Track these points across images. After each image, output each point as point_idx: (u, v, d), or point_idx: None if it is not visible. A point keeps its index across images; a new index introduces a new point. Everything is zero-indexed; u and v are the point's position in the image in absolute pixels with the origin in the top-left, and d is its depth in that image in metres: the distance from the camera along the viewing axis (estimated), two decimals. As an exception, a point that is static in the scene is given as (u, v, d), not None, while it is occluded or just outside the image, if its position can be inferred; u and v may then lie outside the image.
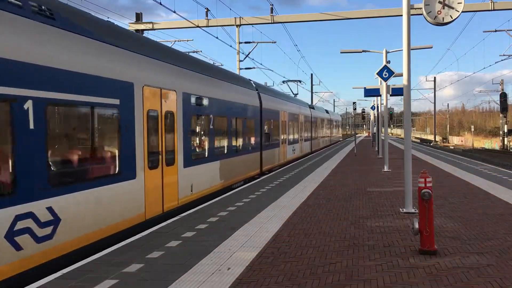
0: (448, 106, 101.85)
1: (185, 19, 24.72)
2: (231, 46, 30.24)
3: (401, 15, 10.01)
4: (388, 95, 19.21)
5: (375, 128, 37.74)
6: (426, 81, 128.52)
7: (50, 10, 6.98)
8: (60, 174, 6.83)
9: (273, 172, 18.80)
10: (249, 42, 32.22)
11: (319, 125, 40.10)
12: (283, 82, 37.59)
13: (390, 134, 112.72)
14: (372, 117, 46.41)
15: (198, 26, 28.01)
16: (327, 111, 51.00)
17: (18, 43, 6.03)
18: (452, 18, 9.52)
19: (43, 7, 6.82)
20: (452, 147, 67.13)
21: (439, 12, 9.51)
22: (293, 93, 36.55)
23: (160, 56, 10.57)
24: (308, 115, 33.21)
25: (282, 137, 23.67)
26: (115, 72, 8.22)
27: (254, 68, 38.69)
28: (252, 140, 17.76)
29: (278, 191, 13.42)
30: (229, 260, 6.53)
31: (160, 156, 9.86)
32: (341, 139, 69.86)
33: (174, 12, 19.89)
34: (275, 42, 33.16)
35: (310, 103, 38.82)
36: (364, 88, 22.97)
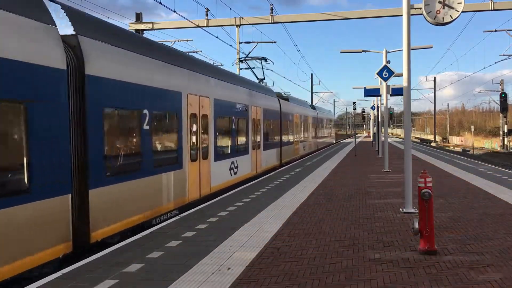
0: (448, 106, 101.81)
1: (186, 18, 24.72)
2: (231, 46, 30.29)
3: (401, 15, 10.01)
4: (388, 95, 19.23)
5: (375, 128, 37.73)
6: (426, 81, 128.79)
7: None
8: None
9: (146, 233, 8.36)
10: (249, 42, 32.22)
11: (297, 125, 28.87)
12: (240, 61, 25.62)
13: (390, 134, 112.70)
14: (372, 117, 46.44)
15: (198, 26, 28.01)
16: (313, 107, 40.57)
17: None
18: (452, 18, 9.52)
19: None
20: (453, 147, 67.15)
21: (438, 12, 9.51)
22: (258, 78, 25.57)
23: None
24: (274, 109, 22.33)
25: (197, 147, 12.07)
26: None
27: (254, 68, 38.45)
28: (38, 163, 6.50)
29: (278, 191, 13.42)
30: (229, 260, 6.53)
31: None
32: (334, 142, 56.42)
33: (174, 11, 19.91)
34: (275, 42, 33.17)
35: (283, 93, 27.55)
36: (364, 88, 23.00)
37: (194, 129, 11.87)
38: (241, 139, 16.50)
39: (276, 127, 22.92)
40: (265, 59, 25.45)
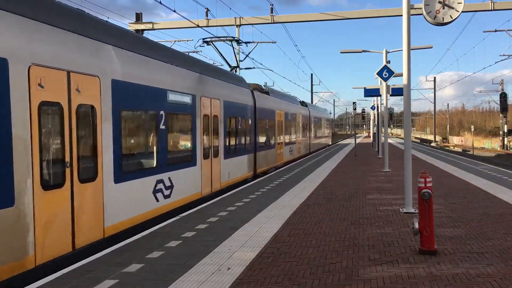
0: (448, 106, 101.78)
1: (186, 18, 24.68)
2: (231, 45, 30.21)
3: (401, 15, 10.01)
4: (388, 95, 19.23)
5: (375, 128, 37.70)
6: (426, 81, 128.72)
7: None
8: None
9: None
10: (249, 42, 32.19)
11: (280, 124, 23.77)
12: (206, 42, 20.41)
13: (390, 134, 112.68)
14: (372, 117, 46.42)
15: (198, 26, 27.99)
16: (304, 104, 34.51)
17: None
18: (452, 18, 9.51)
19: None
20: (453, 147, 67.13)
21: (438, 12, 9.51)
22: (230, 66, 21.90)
23: None
24: (244, 103, 17.15)
25: (68, 161, 6.91)
26: None
27: (254, 68, 38.38)
28: None
29: (278, 191, 13.41)
30: (229, 260, 6.53)
31: None
32: (330, 144, 50.89)
33: (174, 11, 19.89)
34: (275, 42, 33.13)
35: (263, 86, 22.63)
36: (364, 88, 23.00)
37: (57, 132, 6.86)
38: (181, 144, 11.52)
39: (248, 126, 17.63)
40: (237, 41, 20.70)
